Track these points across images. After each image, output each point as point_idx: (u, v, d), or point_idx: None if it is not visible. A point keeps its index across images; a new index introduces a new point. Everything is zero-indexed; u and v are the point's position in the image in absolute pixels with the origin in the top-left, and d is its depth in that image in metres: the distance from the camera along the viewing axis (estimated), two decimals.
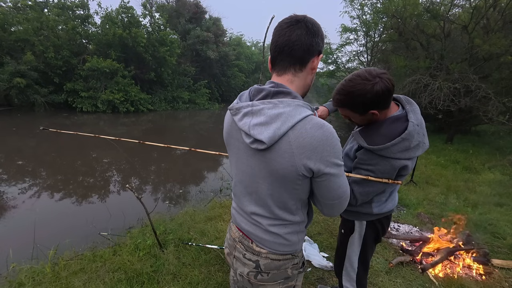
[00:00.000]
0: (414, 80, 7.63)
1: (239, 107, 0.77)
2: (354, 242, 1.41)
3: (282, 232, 0.85)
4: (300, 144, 0.70)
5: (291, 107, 0.71)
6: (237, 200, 0.93)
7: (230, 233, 1.00)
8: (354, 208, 1.30)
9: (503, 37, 7.19)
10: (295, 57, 0.75)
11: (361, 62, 12.92)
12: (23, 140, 8.46)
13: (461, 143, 8.75)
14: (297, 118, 0.70)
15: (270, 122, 0.70)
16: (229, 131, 0.87)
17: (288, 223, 0.85)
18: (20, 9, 14.65)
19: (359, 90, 1.04)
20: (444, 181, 4.95)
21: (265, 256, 0.87)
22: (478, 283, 2.14)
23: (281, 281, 0.89)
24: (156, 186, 5.29)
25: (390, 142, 1.06)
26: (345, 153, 1.31)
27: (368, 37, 12.09)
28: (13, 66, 12.74)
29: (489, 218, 3.37)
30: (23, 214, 3.76)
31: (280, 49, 0.75)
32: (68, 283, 2.03)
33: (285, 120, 0.69)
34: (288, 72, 0.77)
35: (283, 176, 0.75)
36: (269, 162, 0.74)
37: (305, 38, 0.72)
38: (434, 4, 9.04)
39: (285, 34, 0.73)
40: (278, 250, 0.87)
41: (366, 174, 1.14)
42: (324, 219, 3.26)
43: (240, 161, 0.85)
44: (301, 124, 0.70)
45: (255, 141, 0.73)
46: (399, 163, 1.08)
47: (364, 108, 1.08)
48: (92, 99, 14.96)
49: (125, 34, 15.45)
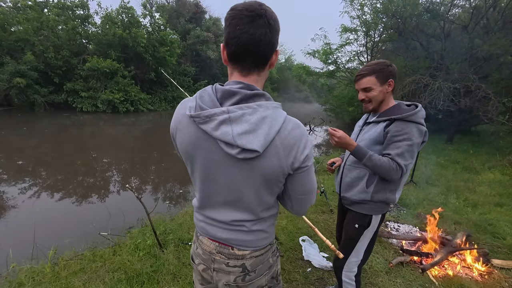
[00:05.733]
0: (414, 80, 7.64)
1: (210, 114, 0.68)
2: (367, 235, 1.48)
3: (264, 227, 0.86)
4: (286, 145, 0.71)
5: (270, 110, 0.70)
6: (208, 212, 0.87)
7: (201, 248, 0.91)
8: (377, 199, 1.39)
9: (503, 37, 7.20)
10: (260, 57, 0.72)
11: (361, 62, 12.92)
12: (23, 140, 8.47)
13: (461, 143, 8.76)
14: (280, 121, 0.70)
15: (256, 129, 0.67)
16: (194, 142, 0.75)
17: (267, 218, 0.86)
18: (20, 9, 14.67)
19: (382, 63, 1.36)
20: (444, 181, 4.95)
21: (250, 256, 0.86)
22: (478, 283, 2.14)
23: (266, 272, 0.90)
24: (156, 186, 5.29)
25: (415, 110, 1.31)
26: (370, 140, 1.39)
27: (368, 37, 12.10)
28: (13, 66, 12.75)
29: (489, 218, 3.37)
30: (23, 214, 3.76)
31: (244, 48, 0.69)
32: (68, 283, 2.03)
33: (271, 125, 0.68)
34: (253, 72, 0.74)
35: (271, 179, 0.75)
36: (257, 168, 0.72)
37: (269, 37, 0.69)
38: (434, 4, 9.04)
39: (249, 32, 0.67)
40: (260, 245, 0.87)
41: (404, 143, 1.27)
42: (324, 219, 3.26)
43: (214, 173, 0.77)
44: (283, 126, 0.71)
45: (243, 150, 0.68)
46: (423, 128, 1.30)
47: (386, 77, 1.34)
48: (92, 99, 14.98)
49: (125, 34, 15.47)
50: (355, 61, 13.25)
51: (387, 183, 1.37)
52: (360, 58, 12.93)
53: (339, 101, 12.83)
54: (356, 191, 1.43)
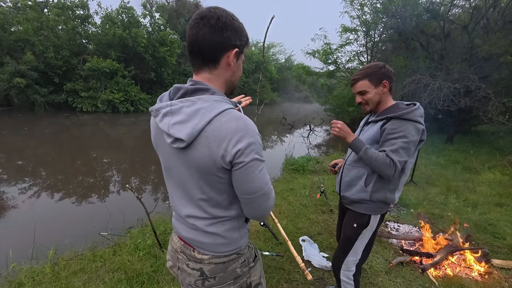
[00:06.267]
0: (414, 80, 7.63)
1: (159, 107, 0.75)
2: (365, 234, 1.48)
3: (221, 231, 0.83)
4: (216, 137, 0.69)
5: (208, 102, 0.71)
6: (174, 206, 0.90)
7: (171, 244, 0.97)
8: (376, 199, 1.40)
9: (503, 37, 7.20)
10: (205, 56, 0.75)
11: (361, 62, 12.92)
12: (23, 140, 8.47)
13: (461, 143, 8.75)
14: (215, 112, 0.70)
15: (189, 119, 0.70)
16: (155, 136, 0.85)
17: (225, 219, 0.83)
18: (20, 9, 14.65)
19: (374, 66, 1.39)
20: (444, 181, 4.95)
21: (208, 261, 0.84)
22: (478, 283, 2.14)
23: (231, 282, 0.87)
24: (156, 186, 5.29)
25: (411, 108, 1.33)
26: (368, 139, 1.41)
27: (368, 37, 12.10)
28: (13, 66, 12.75)
29: (489, 218, 3.37)
30: (23, 214, 3.76)
31: (190, 49, 0.75)
32: (68, 283, 2.03)
33: (203, 116, 0.69)
34: (203, 70, 0.77)
35: (206, 172, 0.74)
36: (191, 159, 0.73)
37: (211, 36, 0.71)
38: (434, 4, 9.04)
39: (192, 34, 0.72)
40: (220, 251, 0.84)
41: (399, 140, 1.28)
42: (324, 219, 3.26)
43: (169, 164, 0.83)
44: (217, 118, 0.70)
45: (175, 140, 0.72)
46: (420, 126, 1.31)
47: (379, 78, 1.37)
48: (92, 99, 14.98)
49: (125, 34, 15.45)
50: (355, 61, 13.27)
51: (386, 182, 1.37)
52: (360, 58, 12.94)
53: (339, 101, 12.84)
54: (355, 190, 1.44)
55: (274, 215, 3.29)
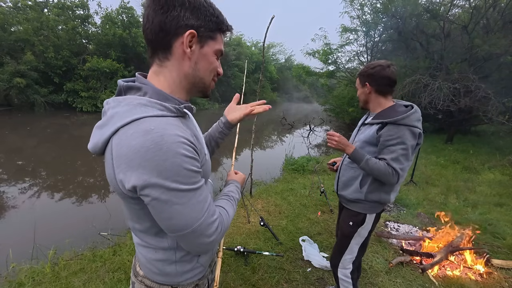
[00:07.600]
0: (414, 80, 7.64)
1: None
2: (361, 233, 1.50)
3: (151, 258, 0.69)
4: (117, 154, 0.54)
5: (129, 106, 0.56)
6: None
7: None
8: (371, 199, 1.41)
9: (503, 37, 7.20)
10: (153, 44, 0.61)
11: (361, 62, 12.93)
12: (23, 140, 8.46)
13: (461, 143, 8.75)
14: (125, 120, 0.54)
15: (102, 126, 0.58)
16: None
17: (157, 248, 0.68)
18: (20, 9, 14.65)
19: (367, 66, 1.42)
20: (444, 181, 4.95)
21: (141, 279, 0.74)
22: (478, 283, 2.14)
23: None
24: None
25: (407, 113, 1.29)
26: (363, 141, 1.42)
27: (368, 37, 12.10)
28: (13, 66, 12.74)
29: (489, 218, 3.37)
30: (23, 214, 3.76)
31: (144, 38, 0.62)
32: (68, 283, 2.03)
33: (114, 124, 0.55)
34: (153, 62, 0.64)
35: (119, 193, 0.60)
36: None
37: (155, 16, 0.57)
38: (434, 4, 9.05)
39: (143, 18, 0.60)
40: (150, 277, 0.72)
41: (398, 147, 1.27)
42: (324, 219, 3.26)
43: None
44: (125, 129, 0.54)
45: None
46: (416, 130, 1.30)
47: (364, 79, 1.41)
48: (92, 99, 14.96)
49: (125, 34, 15.47)
50: (355, 61, 13.28)
51: (381, 184, 1.38)
52: (360, 58, 12.95)
53: (339, 101, 12.84)
54: (351, 190, 1.47)
55: (275, 215, 3.31)
